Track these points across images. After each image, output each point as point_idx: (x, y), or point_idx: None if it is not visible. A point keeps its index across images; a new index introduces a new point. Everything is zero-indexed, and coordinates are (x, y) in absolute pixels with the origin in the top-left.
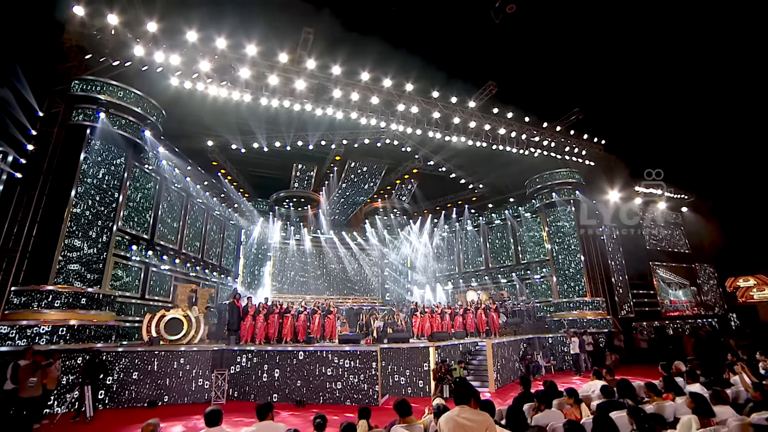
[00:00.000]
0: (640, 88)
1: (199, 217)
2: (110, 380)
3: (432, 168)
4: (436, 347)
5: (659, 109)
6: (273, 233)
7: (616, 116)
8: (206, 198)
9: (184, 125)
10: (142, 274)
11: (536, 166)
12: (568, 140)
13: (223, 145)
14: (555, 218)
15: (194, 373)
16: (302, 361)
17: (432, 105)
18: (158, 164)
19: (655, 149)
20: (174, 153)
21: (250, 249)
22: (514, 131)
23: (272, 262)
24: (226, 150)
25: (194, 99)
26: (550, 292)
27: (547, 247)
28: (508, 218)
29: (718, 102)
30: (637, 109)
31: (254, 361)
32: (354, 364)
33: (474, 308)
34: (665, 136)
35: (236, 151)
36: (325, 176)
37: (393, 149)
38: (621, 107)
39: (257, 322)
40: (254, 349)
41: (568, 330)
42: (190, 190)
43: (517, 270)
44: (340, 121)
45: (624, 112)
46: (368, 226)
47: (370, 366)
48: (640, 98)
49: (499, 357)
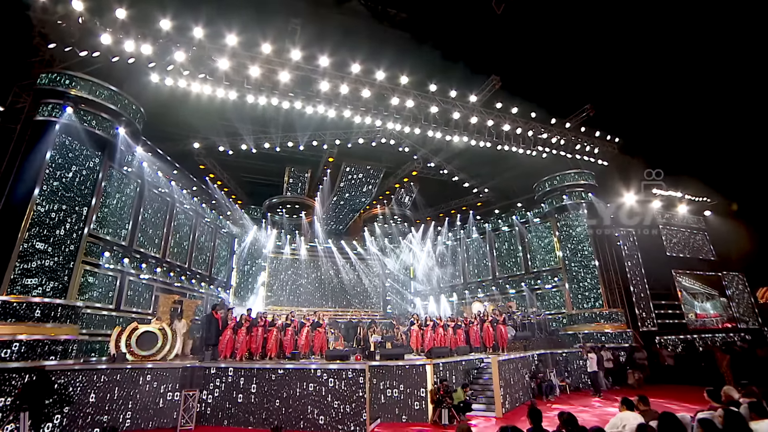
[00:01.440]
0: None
1: (186, 223)
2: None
3: (433, 171)
4: (435, 364)
5: (679, 103)
6: (267, 242)
7: (632, 112)
8: (194, 204)
9: (166, 126)
10: (117, 284)
11: (545, 168)
12: (579, 138)
13: (210, 148)
14: (566, 223)
15: (162, 394)
16: (282, 379)
17: (429, 99)
18: (138, 166)
19: (675, 147)
20: (157, 155)
21: (244, 259)
22: (520, 128)
23: (267, 273)
24: (214, 153)
25: (176, 97)
26: (563, 302)
27: (558, 255)
28: (515, 224)
29: (745, 96)
30: (654, 104)
31: (229, 379)
32: (339, 383)
33: (479, 321)
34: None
35: (225, 154)
36: (319, 180)
37: (390, 150)
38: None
39: (239, 335)
40: (228, 366)
41: (584, 345)
42: (175, 195)
43: (527, 279)
44: (332, 120)
45: (640, 107)
46: (367, 234)
47: (357, 386)
48: (658, 91)
49: (508, 375)
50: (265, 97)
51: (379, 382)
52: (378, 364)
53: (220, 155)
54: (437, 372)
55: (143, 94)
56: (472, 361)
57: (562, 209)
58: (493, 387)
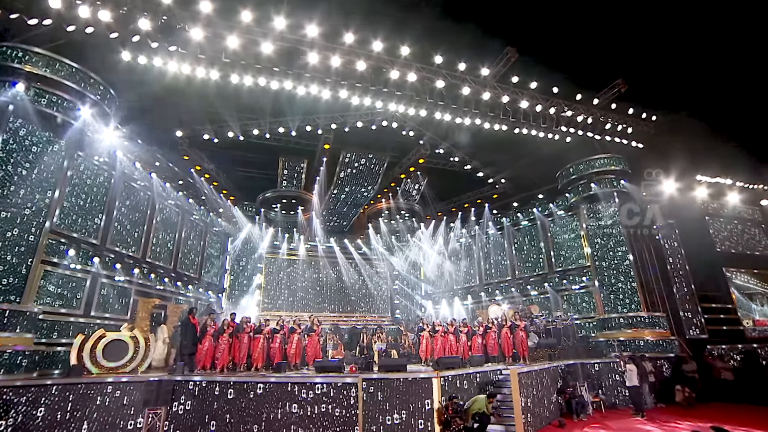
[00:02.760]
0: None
1: (171, 221)
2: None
3: (442, 160)
4: (443, 378)
5: (730, 73)
6: (263, 241)
7: (671, 84)
8: (180, 199)
9: (144, 112)
10: (86, 286)
11: (569, 153)
12: (609, 117)
13: (194, 137)
14: (595, 215)
15: (124, 413)
16: (262, 395)
17: (434, 73)
18: (111, 155)
19: (724, 126)
20: (134, 144)
21: (237, 259)
22: (540, 105)
23: (263, 275)
24: (199, 142)
25: (151, 77)
26: (593, 305)
27: (586, 251)
28: (537, 218)
29: None
30: (697, 74)
31: (203, 395)
32: (328, 400)
33: (497, 326)
34: (734, 109)
35: (211, 144)
36: (316, 171)
37: (393, 136)
38: (677, 72)
39: (220, 343)
40: (202, 379)
41: (621, 354)
42: (156, 188)
43: (551, 279)
44: (327, 102)
45: (681, 78)
46: (372, 232)
47: (348, 403)
48: (702, 60)
49: (530, 390)
50: (251, 76)
51: (375, 398)
52: (375, 377)
53: (206, 145)
54: (446, 386)
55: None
56: (487, 373)
57: (590, 199)
58: (513, 404)
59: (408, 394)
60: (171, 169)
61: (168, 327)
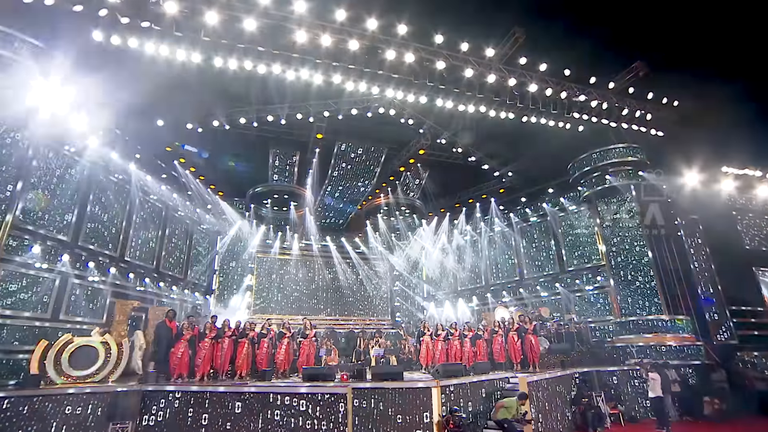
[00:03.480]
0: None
1: (153, 217)
2: None
3: (444, 151)
4: (443, 387)
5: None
6: (254, 240)
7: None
8: (163, 194)
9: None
10: (55, 288)
11: (582, 143)
12: (626, 102)
13: (176, 125)
14: (611, 210)
15: (87, 427)
16: (241, 406)
17: (434, 54)
18: (83, 146)
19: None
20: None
21: (227, 259)
22: (550, 88)
23: (254, 276)
24: (182, 132)
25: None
26: (609, 308)
27: (601, 249)
28: (547, 213)
29: None
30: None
31: (174, 407)
32: (314, 413)
33: (504, 330)
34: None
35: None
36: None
37: (390, 124)
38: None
39: (200, 349)
40: (175, 389)
41: (642, 361)
42: (136, 182)
43: (562, 279)
44: (319, 88)
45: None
46: (370, 230)
47: (336, 416)
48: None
49: (542, 400)
50: (236, 59)
51: (368, 410)
52: (368, 387)
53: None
54: (447, 397)
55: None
56: (493, 381)
57: (604, 193)
58: None
59: (404, 406)
60: (152, 162)
61: (150, 332)
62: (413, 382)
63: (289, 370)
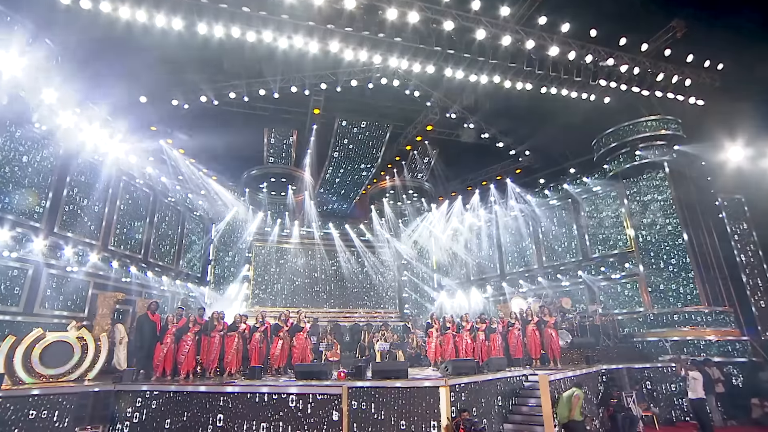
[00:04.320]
0: None
1: (140, 203)
2: None
3: (454, 128)
4: (452, 386)
5: None
6: (251, 227)
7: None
8: (150, 178)
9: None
10: (28, 278)
11: (609, 116)
12: (660, 67)
13: (161, 103)
14: (641, 190)
15: None
16: (224, 409)
17: (441, 13)
18: (57, 125)
19: None
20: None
21: (223, 248)
22: (574, 51)
23: (252, 265)
24: (168, 109)
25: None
26: (639, 298)
27: (629, 233)
28: (569, 195)
29: None
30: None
31: (151, 409)
32: (303, 417)
33: (521, 322)
34: None
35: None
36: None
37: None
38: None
39: (182, 344)
40: (151, 389)
41: (680, 358)
42: (118, 164)
43: (586, 267)
44: (315, 58)
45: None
46: (376, 215)
47: (330, 420)
48: None
49: None
50: (222, 26)
51: (366, 413)
52: (367, 386)
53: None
54: (456, 397)
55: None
56: (509, 379)
57: (634, 171)
58: (544, 419)
59: (409, 407)
60: (136, 142)
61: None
62: (418, 381)
63: (285, 366)
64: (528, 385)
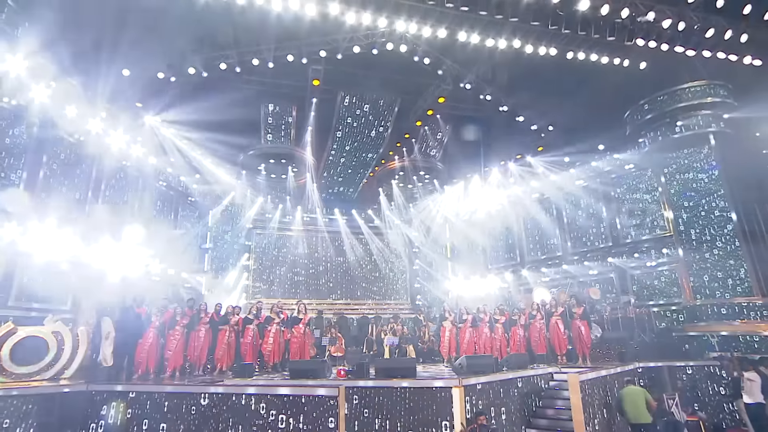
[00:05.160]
0: None
1: (128, 187)
2: None
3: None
4: (467, 387)
5: None
6: (250, 213)
7: None
8: (137, 161)
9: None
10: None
11: (645, 83)
12: (711, 21)
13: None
14: (681, 166)
15: None
16: (207, 412)
17: None
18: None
19: None
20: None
21: (220, 236)
22: (607, 5)
23: (251, 254)
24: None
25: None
26: (678, 288)
27: (667, 215)
28: (597, 173)
29: None
30: None
31: (128, 414)
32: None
33: (544, 314)
34: None
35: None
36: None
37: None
38: None
39: (171, 339)
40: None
41: (730, 356)
42: (102, 144)
43: (616, 254)
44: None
45: None
46: (384, 199)
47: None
48: None
49: (597, 405)
50: None
51: (368, 418)
52: (369, 386)
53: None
54: (472, 400)
55: None
56: (532, 379)
57: (674, 145)
58: (574, 425)
59: (418, 410)
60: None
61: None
62: (428, 381)
63: (280, 363)
64: (553, 385)
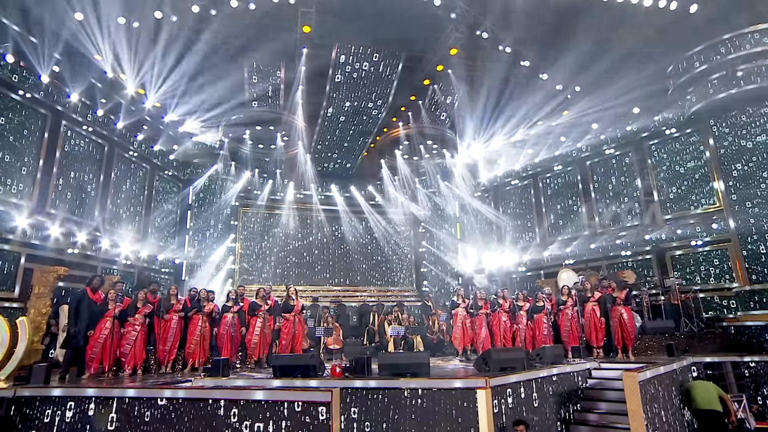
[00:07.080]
0: None
1: (90, 156)
2: None
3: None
4: (495, 388)
5: None
6: (235, 189)
7: None
8: (103, 125)
9: None
10: None
11: (689, 34)
12: None
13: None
14: (736, 129)
15: None
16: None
17: None
18: None
19: None
20: None
21: (202, 214)
22: None
23: (238, 235)
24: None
25: None
26: (729, 271)
27: (717, 187)
28: (632, 139)
29: None
30: None
31: (65, 422)
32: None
33: (574, 300)
34: None
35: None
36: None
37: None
38: None
39: (129, 329)
40: (64, 395)
41: None
42: (54, 103)
43: (653, 231)
44: None
45: None
46: (387, 173)
47: None
48: None
49: (653, 408)
50: None
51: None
52: (369, 387)
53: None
54: (501, 404)
55: None
56: (570, 376)
57: (727, 105)
58: None
59: (433, 417)
60: (79, 77)
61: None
62: (446, 381)
63: (267, 357)
64: (592, 384)
